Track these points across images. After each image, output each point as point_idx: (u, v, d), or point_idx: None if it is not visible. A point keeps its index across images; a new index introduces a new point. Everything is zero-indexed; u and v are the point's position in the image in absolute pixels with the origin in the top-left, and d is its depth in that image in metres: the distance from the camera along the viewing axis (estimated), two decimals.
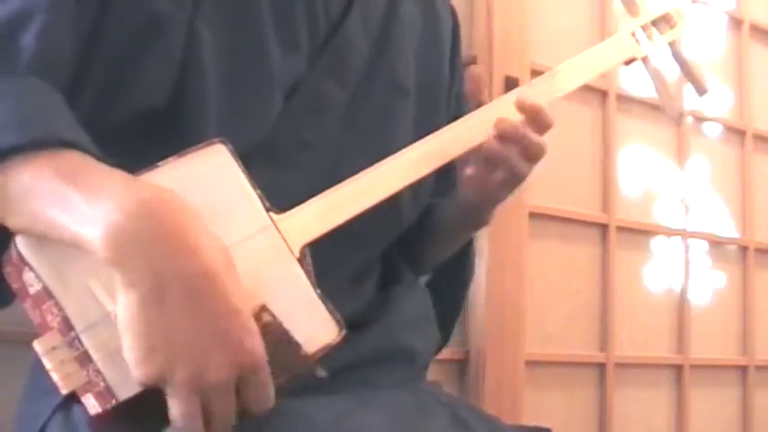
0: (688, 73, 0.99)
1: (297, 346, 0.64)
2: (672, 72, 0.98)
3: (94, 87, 0.72)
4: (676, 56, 0.99)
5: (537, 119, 0.84)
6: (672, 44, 0.98)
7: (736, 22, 2.24)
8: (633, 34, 0.96)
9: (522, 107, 0.84)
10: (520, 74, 1.69)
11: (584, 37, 1.88)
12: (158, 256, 0.56)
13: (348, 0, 0.87)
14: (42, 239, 0.60)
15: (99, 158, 0.62)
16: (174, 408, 0.56)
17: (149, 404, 0.57)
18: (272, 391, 0.60)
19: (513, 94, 0.88)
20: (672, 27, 0.98)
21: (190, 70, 0.74)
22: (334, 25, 0.86)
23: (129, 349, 0.56)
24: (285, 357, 0.63)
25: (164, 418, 0.57)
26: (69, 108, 0.66)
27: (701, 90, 0.99)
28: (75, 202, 0.58)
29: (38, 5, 0.68)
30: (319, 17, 0.84)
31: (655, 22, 0.97)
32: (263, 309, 0.62)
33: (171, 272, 0.56)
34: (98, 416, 0.58)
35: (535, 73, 1.73)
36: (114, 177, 0.60)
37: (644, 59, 0.96)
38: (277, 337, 0.62)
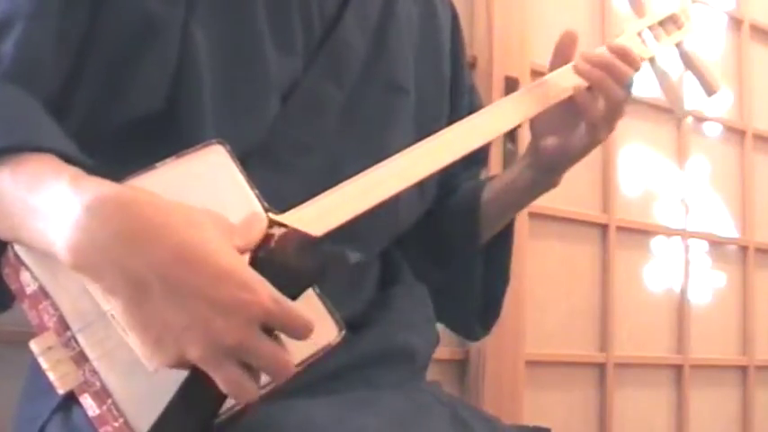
0: (697, 73, 0.99)
1: (320, 242, 0.63)
2: (678, 72, 0.98)
3: (89, 91, 0.72)
4: (684, 56, 0.98)
5: (624, 57, 0.89)
6: (679, 45, 0.98)
7: (736, 22, 2.23)
8: (640, 34, 0.95)
9: (611, 48, 0.90)
10: (520, 74, 1.69)
11: (585, 37, 1.88)
12: (124, 256, 0.55)
13: (342, 1, 0.87)
14: None
15: (76, 161, 0.61)
16: (215, 378, 0.56)
17: (199, 389, 0.57)
18: (301, 319, 0.59)
19: (515, 96, 0.88)
20: (679, 27, 0.98)
21: (185, 72, 0.74)
22: (330, 26, 0.86)
23: (138, 346, 0.56)
24: (315, 261, 0.62)
25: (219, 396, 0.57)
26: (56, 114, 0.66)
27: (710, 90, 0.99)
28: (39, 211, 0.57)
29: (19, 13, 0.68)
30: (314, 18, 0.84)
31: (662, 23, 0.97)
32: (271, 223, 0.61)
33: (142, 268, 0.55)
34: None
35: (535, 73, 1.73)
36: (62, 182, 0.58)
37: (651, 60, 0.95)
38: (298, 244, 0.61)
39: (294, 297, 0.60)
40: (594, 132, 0.90)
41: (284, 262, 0.59)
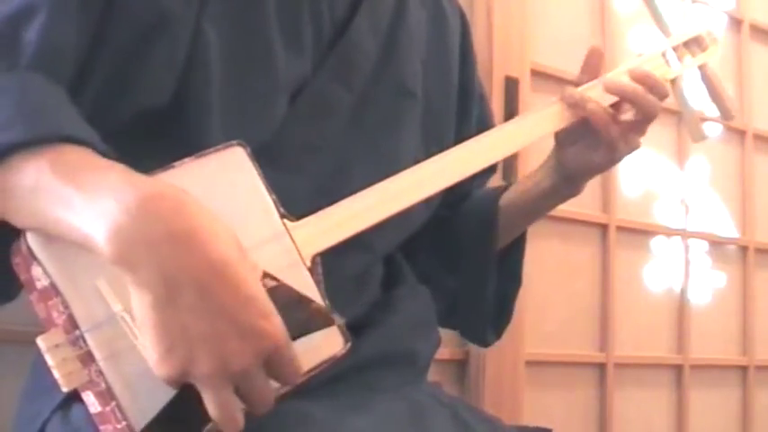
0: (716, 97, 0.98)
1: (307, 301, 0.64)
2: (700, 95, 0.98)
3: (98, 85, 0.72)
4: (705, 79, 0.98)
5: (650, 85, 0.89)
6: (702, 67, 0.98)
7: (736, 22, 2.24)
8: (664, 55, 0.95)
9: (635, 77, 0.90)
10: (520, 74, 1.69)
11: (585, 37, 1.88)
12: (165, 255, 0.55)
13: (353, 3, 0.87)
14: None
15: (105, 154, 0.62)
16: (208, 400, 0.57)
17: (187, 405, 0.57)
18: (298, 365, 0.60)
19: (540, 111, 0.89)
20: (703, 50, 0.97)
21: (194, 69, 0.74)
22: (339, 28, 0.85)
23: (149, 348, 0.56)
24: (299, 318, 0.63)
25: (204, 416, 0.57)
26: (73, 104, 0.66)
27: (727, 115, 0.99)
28: (76, 202, 0.57)
29: (41, 1, 0.68)
30: (324, 19, 0.84)
31: (686, 44, 0.97)
32: (265, 275, 0.62)
33: (180, 270, 0.55)
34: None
35: (535, 73, 1.73)
36: (114, 174, 0.59)
37: (672, 81, 0.95)
38: (285, 300, 0.62)
39: None
40: (614, 151, 0.91)
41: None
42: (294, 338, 0.61)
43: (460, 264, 1.02)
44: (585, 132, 0.91)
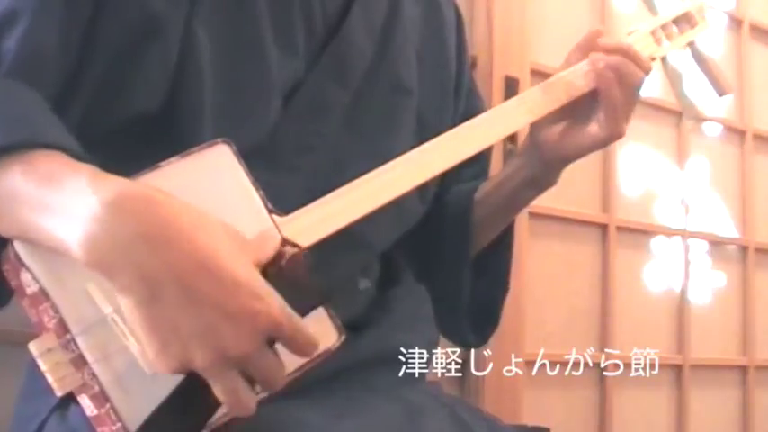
0: (708, 73, 0.97)
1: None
2: (691, 72, 0.96)
3: (90, 89, 0.72)
4: (696, 55, 0.97)
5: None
6: (692, 44, 0.96)
7: (736, 22, 2.24)
8: (653, 33, 0.93)
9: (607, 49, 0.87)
10: (520, 74, 1.69)
11: None
12: (142, 256, 0.55)
13: (346, 1, 0.87)
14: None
15: (83, 160, 0.61)
16: (215, 387, 0.56)
17: (196, 392, 0.57)
18: (309, 336, 0.59)
19: (527, 94, 0.87)
20: (693, 26, 0.96)
21: (186, 72, 0.74)
22: (332, 26, 0.85)
23: (145, 348, 0.56)
24: (322, 282, 0.62)
25: (215, 402, 0.57)
26: (56, 111, 0.65)
27: (720, 91, 0.97)
28: (52, 208, 0.57)
29: (22, 8, 0.67)
30: (316, 18, 0.83)
31: (676, 21, 0.95)
32: (285, 242, 0.61)
33: (159, 269, 0.55)
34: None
35: (535, 73, 1.73)
36: (83, 177, 0.58)
37: (662, 59, 0.94)
38: (308, 264, 0.62)
39: (300, 315, 0.60)
40: (615, 119, 0.86)
41: (294, 281, 0.60)
42: (318, 305, 0.61)
43: (435, 261, 0.99)
44: (572, 109, 0.88)
